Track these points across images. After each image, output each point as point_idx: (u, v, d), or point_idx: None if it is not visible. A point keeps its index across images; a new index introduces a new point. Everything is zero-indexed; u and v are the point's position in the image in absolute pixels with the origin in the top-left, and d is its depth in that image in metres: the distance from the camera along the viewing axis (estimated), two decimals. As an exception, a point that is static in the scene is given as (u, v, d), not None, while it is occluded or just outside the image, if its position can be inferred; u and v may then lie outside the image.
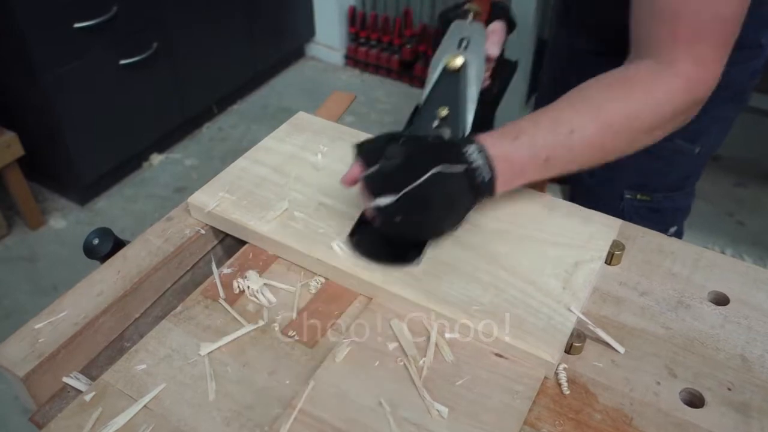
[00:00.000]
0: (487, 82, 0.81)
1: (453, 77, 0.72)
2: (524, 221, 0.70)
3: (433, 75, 0.74)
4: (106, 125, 2.07)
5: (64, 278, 1.91)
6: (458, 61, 0.72)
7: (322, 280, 0.67)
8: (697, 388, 0.56)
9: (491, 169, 0.62)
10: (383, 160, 0.61)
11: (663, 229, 0.74)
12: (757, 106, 2.36)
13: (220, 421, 0.54)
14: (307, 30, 2.88)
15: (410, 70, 2.74)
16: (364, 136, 0.84)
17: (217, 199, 0.73)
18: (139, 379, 0.57)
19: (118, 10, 1.92)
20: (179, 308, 0.64)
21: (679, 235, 1.03)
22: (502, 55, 0.80)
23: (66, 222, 2.13)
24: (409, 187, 0.59)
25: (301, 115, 0.88)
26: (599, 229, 0.69)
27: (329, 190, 0.75)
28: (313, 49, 2.97)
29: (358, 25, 2.82)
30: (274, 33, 2.67)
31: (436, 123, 0.71)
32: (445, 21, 0.79)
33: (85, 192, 2.17)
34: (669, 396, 0.55)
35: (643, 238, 0.71)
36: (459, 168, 0.61)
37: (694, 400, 0.56)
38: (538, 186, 0.81)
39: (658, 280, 0.66)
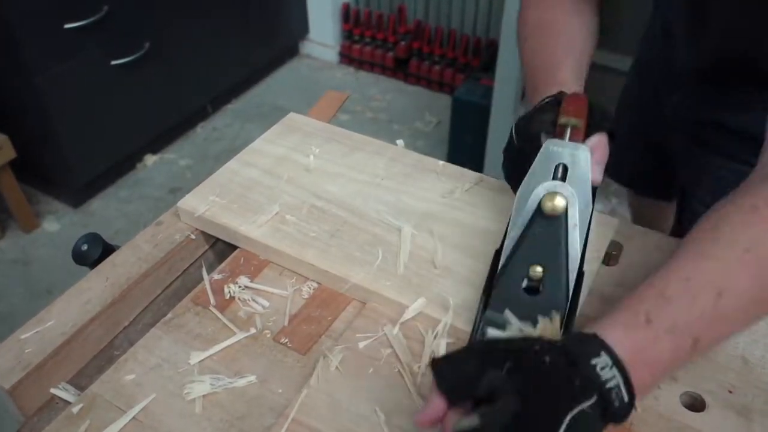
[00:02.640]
0: None
1: (551, 223, 0.55)
2: (520, 222, 0.69)
3: (521, 214, 0.56)
4: (99, 126, 2.05)
5: (58, 281, 1.89)
6: (558, 204, 0.54)
7: (315, 284, 0.66)
8: (697, 391, 0.55)
9: (629, 384, 0.43)
10: (482, 408, 0.42)
11: None
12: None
13: (211, 432, 0.53)
14: (300, 28, 2.86)
15: (405, 67, 2.72)
16: (356, 137, 0.83)
17: (207, 203, 0.72)
18: (128, 389, 0.56)
19: (109, 9, 1.90)
20: (169, 315, 0.63)
21: None
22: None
23: (59, 225, 2.11)
24: None
25: (293, 116, 0.87)
26: (596, 228, 0.68)
27: (321, 193, 0.73)
28: (307, 46, 2.95)
29: (351, 22, 2.80)
30: (267, 31, 2.65)
31: (524, 284, 0.55)
32: (526, 135, 0.61)
33: (78, 194, 2.15)
34: (669, 400, 0.54)
35: (641, 238, 0.70)
36: (591, 402, 0.41)
37: (695, 404, 0.55)
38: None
39: (657, 280, 0.65)
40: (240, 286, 0.65)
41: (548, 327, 0.52)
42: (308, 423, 0.52)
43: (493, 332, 0.53)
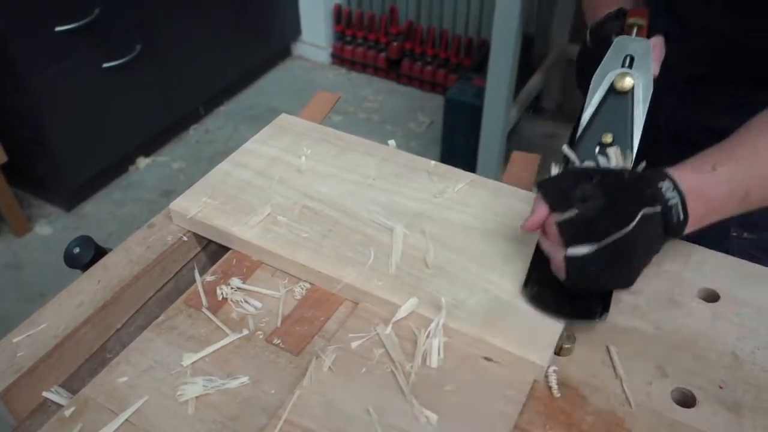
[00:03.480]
0: None
1: (620, 99, 0.66)
2: (511, 222, 0.69)
3: (595, 95, 0.67)
4: (91, 129, 2.05)
5: (51, 285, 1.88)
6: (628, 82, 0.65)
7: (307, 285, 0.66)
8: (688, 387, 0.55)
9: (685, 206, 0.54)
10: (578, 203, 0.54)
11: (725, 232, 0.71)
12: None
13: (204, 434, 0.53)
14: (293, 29, 2.86)
15: (397, 68, 2.73)
16: (348, 138, 0.83)
17: (199, 205, 0.72)
18: (120, 392, 0.56)
19: (100, 12, 1.90)
20: (162, 317, 0.63)
21: None
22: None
23: (52, 228, 2.10)
24: (617, 235, 0.52)
25: (285, 117, 0.87)
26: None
27: (313, 193, 0.73)
28: (300, 48, 2.95)
29: (344, 23, 2.80)
30: (260, 33, 2.65)
31: (597, 150, 0.65)
32: (600, 36, 0.72)
33: (71, 197, 2.14)
34: (661, 396, 0.55)
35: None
36: (657, 208, 0.54)
37: (686, 400, 0.55)
38: (525, 184, 0.80)
39: (648, 278, 0.65)
40: (232, 288, 0.65)
41: (622, 161, 0.63)
42: (301, 423, 0.52)
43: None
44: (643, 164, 0.63)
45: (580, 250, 0.53)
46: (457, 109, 2.14)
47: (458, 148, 2.17)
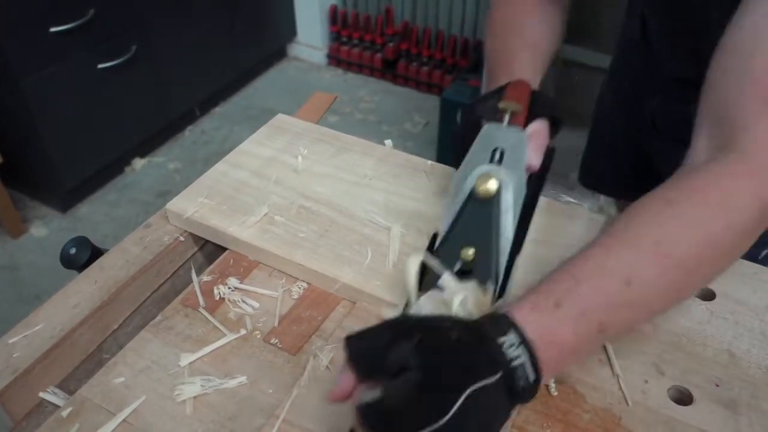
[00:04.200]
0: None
1: (483, 206, 0.55)
2: (508, 220, 0.69)
3: (457, 197, 0.57)
4: (86, 130, 2.04)
5: (47, 287, 1.88)
6: (492, 186, 0.54)
7: (305, 285, 0.66)
8: (685, 385, 0.55)
9: (536, 363, 0.44)
10: (388, 382, 0.42)
11: (754, 254, 0.66)
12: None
13: (202, 434, 0.53)
14: (288, 30, 2.86)
15: (393, 69, 2.73)
16: (344, 138, 0.83)
17: (196, 205, 0.72)
18: (117, 392, 0.56)
19: (94, 13, 1.89)
20: (158, 318, 0.63)
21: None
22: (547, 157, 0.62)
23: (47, 230, 2.10)
24: (428, 429, 0.39)
25: (281, 118, 0.87)
26: (585, 226, 0.69)
27: (310, 193, 0.73)
28: (295, 49, 2.95)
29: (339, 24, 2.80)
30: (255, 33, 2.65)
31: (458, 266, 0.54)
32: (469, 120, 0.62)
33: (66, 199, 2.13)
34: (657, 394, 0.55)
35: (628, 234, 0.70)
36: (495, 378, 0.42)
37: (683, 398, 0.55)
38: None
39: (644, 276, 0.65)
40: (229, 288, 0.65)
41: (480, 297, 0.51)
42: (299, 423, 0.52)
43: (425, 301, 0.52)
44: (500, 302, 0.52)
45: None
46: (454, 110, 2.13)
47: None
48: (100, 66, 1.99)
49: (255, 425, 0.53)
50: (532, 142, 0.59)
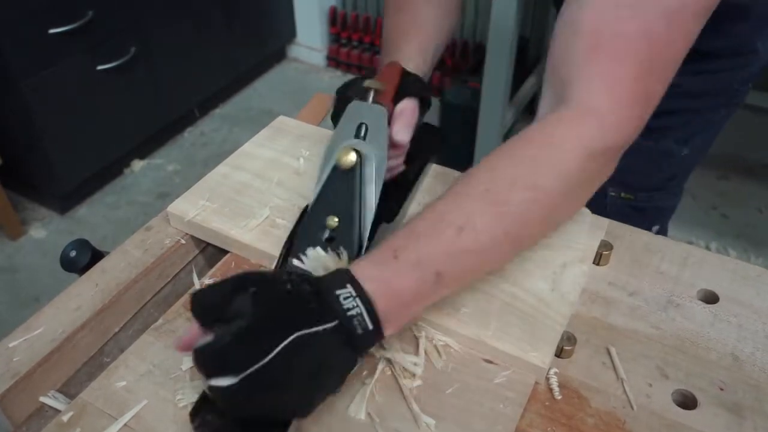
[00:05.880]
0: (401, 168, 0.69)
1: (345, 176, 0.59)
2: (511, 223, 0.69)
3: (324, 170, 0.61)
4: (85, 132, 2.04)
5: (46, 289, 1.87)
6: (351, 158, 0.59)
7: (307, 288, 0.65)
8: (689, 388, 0.55)
9: (374, 313, 0.47)
10: (220, 326, 0.46)
11: (646, 228, 0.71)
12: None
13: (204, 438, 0.52)
14: (288, 31, 2.86)
15: (393, 70, 2.73)
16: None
17: (197, 208, 0.71)
18: (119, 396, 0.56)
19: (93, 15, 1.89)
20: (160, 321, 0.63)
21: (662, 233, 1.02)
22: (418, 137, 0.67)
23: (46, 231, 2.09)
24: (252, 369, 0.43)
25: (282, 120, 0.87)
26: (586, 228, 0.69)
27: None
28: (295, 50, 2.95)
29: (339, 25, 2.80)
30: (254, 34, 2.64)
31: (326, 234, 0.59)
32: (341, 99, 0.66)
33: (65, 200, 2.13)
34: (661, 398, 0.55)
35: (630, 237, 0.70)
36: (328, 325, 0.46)
37: (687, 401, 0.55)
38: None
39: (647, 279, 0.65)
40: (231, 291, 0.65)
41: (337, 262, 0.55)
42: (302, 427, 0.52)
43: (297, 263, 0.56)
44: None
45: (221, 381, 0.44)
46: (454, 112, 2.14)
47: (454, 150, 2.17)
48: (99, 67, 1.98)
49: (257, 429, 0.53)
50: (400, 119, 0.64)
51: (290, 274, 0.49)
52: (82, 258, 0.69)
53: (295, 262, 0.56)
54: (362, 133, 0.61)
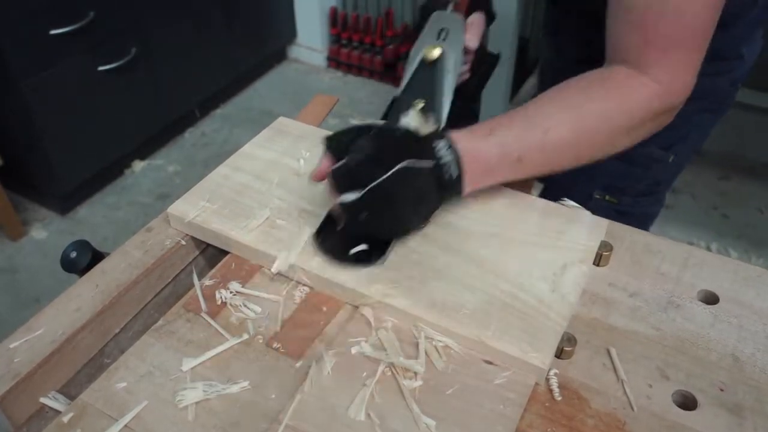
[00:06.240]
0: (466, 75, 0.81)
1: (430, 69, 0.72)
2: (511, 224, 0.69)
3: (411, 66, 0.73)
4: (86, 132, 2.04)
5: (46, 290, 1.87)
6: (435, 53, 0.71)
7: (307, 289, 0.65)
8: (689, 389, 0.55)
9: (459, 166, 0.61)
10: (350, 154, 0.59)
11: (588, 191, 0.77)
12: (739, 101, 2.37)
13: (204, 439, 0.52)
14: (288, 32, 2.86)
15: (393, 71, 2.73)
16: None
17: (197, 209, 0.71)
18: (119, 397, 0.56)
19: (94, 16, 1.89)
20: (160, 322, 0.63)
21: None
22: (483, 47, 0.79)
23: (47, 232, 2.09)
24: (374, 183, 0.57)
25: (282, 120, 0.87)
26: (587, 229, 0.68)
27: (311, 197, 0.73)
28: (295, 51, 2.95)
29: (339, 26, 2.80)
30: (255, 35, 2.65)
31: (411, 114, 0.70)
32: (425, 12, 0.78)
33: (65, 201, 2.13)
34: (662, 398, 0.55)
35: (631, 238, 0.70)
36: (427, 164, 0.59)
37: (687, 402, 0.55)
38: (524, 186, 0.80)
39: (648, 280, 0.65)
40: (231, 292, 0.65)
41: (428, 125, 0.67)
42: (302, 428, 0.52)
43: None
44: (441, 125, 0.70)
45: (349, 196, 0.58)
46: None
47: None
48: (99, 68, 1.99)
49: (258, 430, 0.53)
50: (471, 28, 0.77)
51: (401, 127, 0.64)
52: (83, 259, 0.69)
53: (402, 118, 0.67)
54: (443, 37, 0.73)
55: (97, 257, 0.70)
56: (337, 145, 0.62)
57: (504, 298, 0.61)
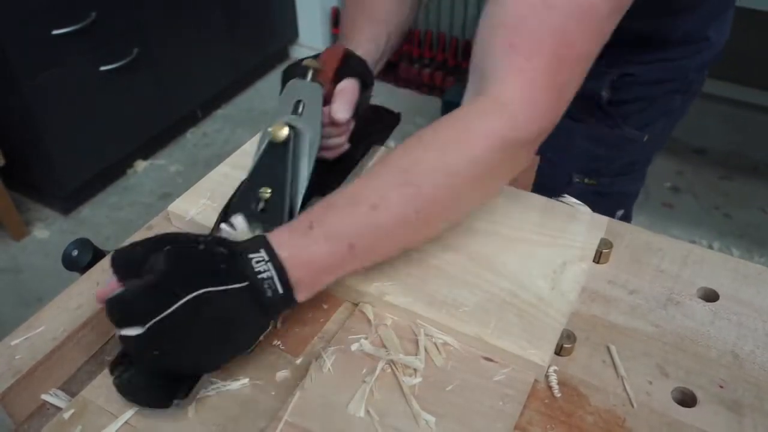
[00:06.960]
0: (345, 147, 0.73)
1: (279, 150, 0.62)
2: (511, 221, 0.69)
3: (262, 145, 0.64)
4: (88, 132, 2.04)
5: (49, 289, 1.88)
6: (283, 132, 0.62)
7: (307, 286, 0.65)
8: (689, 386, 0.55)
9: (285, 278, 0.51)
10: (130, 281, 0.50)
11: (610, 213, 0.72)
12: (740, 99, 2.37)
13: (205, 436, 0.53)
14: (290, 31, 2.86)
15: (394, 71, 2.73)
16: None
17: (198, 207, 0.71)
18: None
19: (96, 16, 1.89)
20: (161, 320, 0.63)
21: (626, 218, 1.03)
22: (380, 110, 0.71)
23: (49, 232, 2.10)
24: (157, 319, 0.47)
25: (283, 119, 0.86)
26: (587, 227, 0.69)
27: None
28: (297, 51, 2.95)
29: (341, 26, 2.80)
30: (256, 35, 2.65)
31: (261, 206, 0.62)
32: (285, 78, 0.69)
33: (68, 201, 2.14)
34: (661, 396, 0.55)
35: (631, 235, 0.70)
36: (236, 286, 0.49)
37: (687, 399, 0.55)
38: (523, 184, 0.80)
39: (647, 277, 0.65)
40: (232, 289, 0.65)
41: (258, 232, 0.56)
42: (302, 425, 0.52)
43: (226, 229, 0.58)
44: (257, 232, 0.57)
45: (130, 331, 0.48)
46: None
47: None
48: (102, 68, 1.99)
49: (257, 427, 0.53)
50: (340, 97, 0.67)
51: (207, 237, 0.52)
52: (84, 257, 0.70)
53: (222, 226, 0.58)
54: (299, 110, 0.64)
55: (98, 255, 0.70)
56: (125, 264, 0.51)
57: (504, 296, 0.61)
